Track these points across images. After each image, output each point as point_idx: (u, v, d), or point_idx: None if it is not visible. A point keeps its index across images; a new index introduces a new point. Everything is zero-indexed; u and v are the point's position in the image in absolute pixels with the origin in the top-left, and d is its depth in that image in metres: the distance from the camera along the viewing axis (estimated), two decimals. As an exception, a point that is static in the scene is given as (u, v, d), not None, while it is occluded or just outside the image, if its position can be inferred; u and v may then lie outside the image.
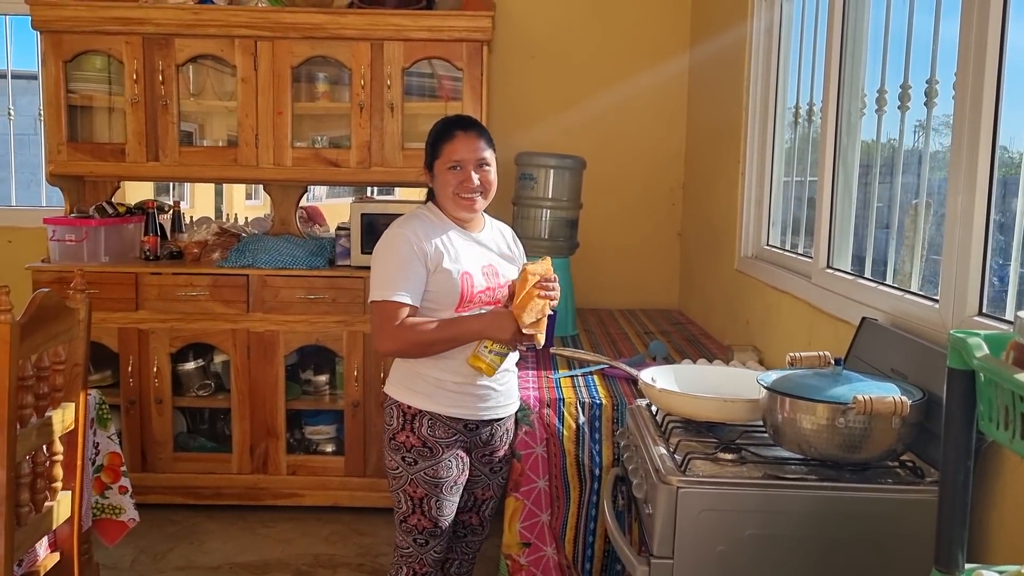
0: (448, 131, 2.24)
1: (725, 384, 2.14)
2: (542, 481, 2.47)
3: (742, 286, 3.28)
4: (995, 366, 1.03)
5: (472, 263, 2.23)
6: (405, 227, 2.21)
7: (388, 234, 2.23)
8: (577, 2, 4.24)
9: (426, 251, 2.17)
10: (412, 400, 2.22)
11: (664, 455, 1.82)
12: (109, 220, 3.73)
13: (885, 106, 2.31)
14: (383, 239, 2.23)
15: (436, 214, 2.28)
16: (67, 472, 2.25)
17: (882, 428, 1.65)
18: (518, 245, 2.45)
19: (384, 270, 2.19)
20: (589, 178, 3.60)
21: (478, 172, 2.23)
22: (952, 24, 1.88)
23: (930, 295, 2.02)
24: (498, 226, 2.42)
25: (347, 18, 3.62)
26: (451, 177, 2.22)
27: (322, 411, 3.80)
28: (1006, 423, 1.03)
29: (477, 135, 2.25)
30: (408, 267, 2.16)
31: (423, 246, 2.17)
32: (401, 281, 2.15)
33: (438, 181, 2.26)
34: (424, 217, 2.26)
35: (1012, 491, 1.58)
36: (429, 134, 2.31)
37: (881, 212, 2.38)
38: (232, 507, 3.66)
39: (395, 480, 2.25)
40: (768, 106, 3.19)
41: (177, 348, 3.62)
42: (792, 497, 1.68)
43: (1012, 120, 1.76)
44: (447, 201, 2.25)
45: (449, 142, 2.23)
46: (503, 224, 2.47)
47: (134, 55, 3.61)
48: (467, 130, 2.24)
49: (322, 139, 3.94)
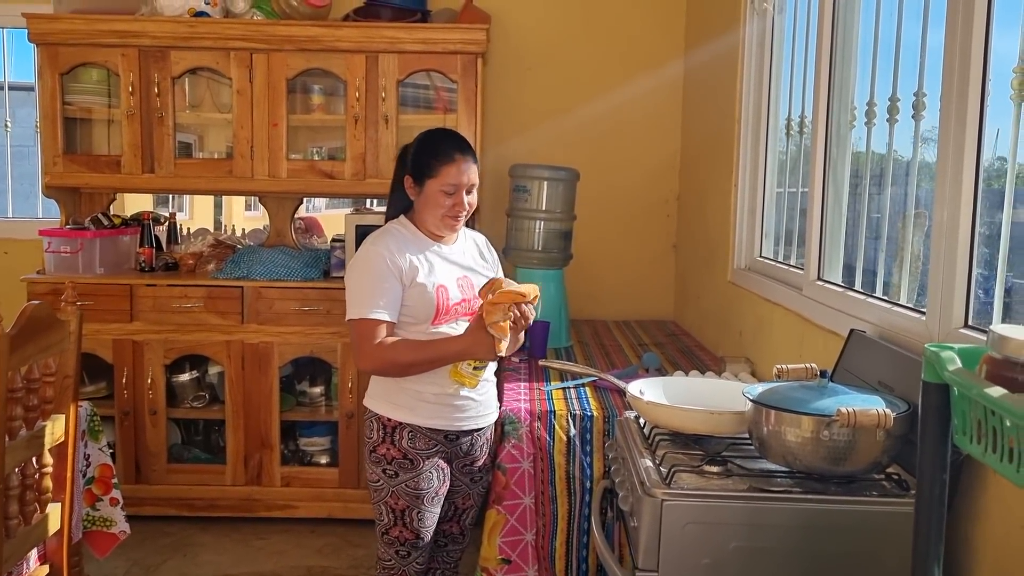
0: (448, 153, 2.22)
1: (714, 396, 2.13)
2: (528, 498, 2.46)
3: (735, 298, 3.28)
4: (967, 380, 1.03)
5: (447, 276, 2.24)
6: (378, 243, 2.21)
7: (362, 251, 2.23)
8: (572, 15, 4.26)
9: (401, 266, 2.17)
10: (392, 412, 2.23)
11: (650, 467, 1.82)
12: (104, 232, 3.74)
13: (874, 118, 2.31)
14: (357, 256, 2.24)
15: (409, 229, 2.28)
16: (57, 484, 2.25)
17: (867, 440, 1.65)
18: (492, 251, 2.46)
19: (360, 287, 2.19)
20: (584, 189, 3.61)
21: (468, 195, 2.24)
22: (940, 36, 1.89)
23: (921, 307, 2.02)
24: (471, 235, 2.43)
25: (342, 31, 3.64)
26: (444, 199, 2.22)
27: (317, 422, 3.81)
28: (979, 437, 1.03)
29: (472, 159, 2.26)
30: (384, 283, 2.16)
31: (398, 261, 2.17)
32: (378, 298, 2.16)
33: (427, 199, 2.24)
34: (397, 232, 2.26)
35: (996, 505, 1.58)
36: (420, 144, 2.29)
37: (872, 223, 2.39)
38: (226, 519, 3.66)
39: (376, 492, 2.26)
40: (760, 118, 3.19)
41: (172, 359, 3.62)
42: (777, 510, 1.68)
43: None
44: (433, 219, 2.25)
45: (449, 165, 2.21)
46: (476, 232, 2.47)
47: (130, 68, 3.63)
48: (464, 153, 2.24)
49: (320, 151, 3.96)
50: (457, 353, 2.18)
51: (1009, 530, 1.53)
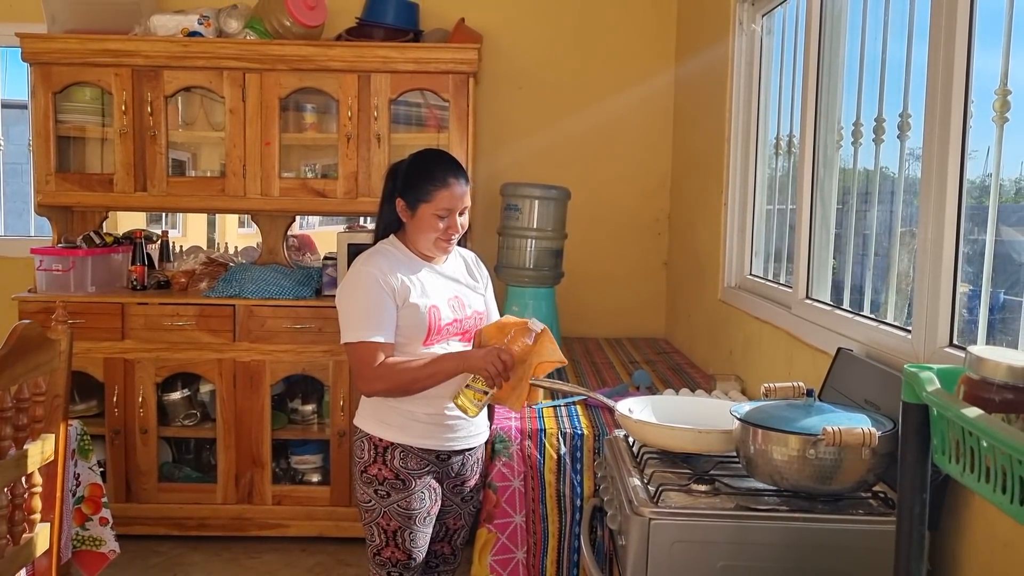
0: (442, 178, 2.21)
1: (702, 415, 2.14)
2: (519, 516, 2.47)
3: (725, 316, 3.29)
4: (944, 400, 1.04)
5: (439, 296, 2.25)
6: (369, 264, 2.20)
7: (354, 272, 2.22)
8: (563, 35, 4.29)
9: (393, 286, 2.17)
10: (383, 432, 2.22)
11: (638, 486, 1.83)
12: (96, 250, 3.74)
13: (861, 138, 2.34)
14: (349, 278, 2.22)
15: (400, 249, 2.28)
16: (46, 504, 2.24)
17: (853, 459, 1.65)
18: (481, 268, 2.46)
19: (354, 310, 2.18)
20: (575, 207, 3.63)
21: (460, 216, 2.25)
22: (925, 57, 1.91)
23: (908, 325, 2.03)
24: (460, 253, 2.43)
25: (335, 50, 3.66)
26: (437, 223, 2.21)
27: (308, 440, 3.80)
28: (957, 457, 1.04)
29: (465, 181, 2.25)
30: (378, 304, 2.16)
31: (390, 282, 2.17)
32: (375, 320, 2.15)
33: (420, 222, 2.23)
34: (388, 253, 2.25)
35: (980, 523, 1.59)
36: (412, 167, 2.26)
37: (860, 242, 2.41)
38: (217, 538, 3.64)
39: (368, 513, 2.25)
40: (750, 137, 3.22)
41: (163, 378, 3.62)
42: (764, 528, 1.69)
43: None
44: (425, 242, 2.25)
45: (443, 189, 2.20)
46: (465, 250, 2.47)
47: (123, 86, 3.65)
48: (457, 177, 2.23)
49: (312, 169, 3.97)
50: (458, 364, 2.17)
51: (993, 548, 1.54)
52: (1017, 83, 1.67)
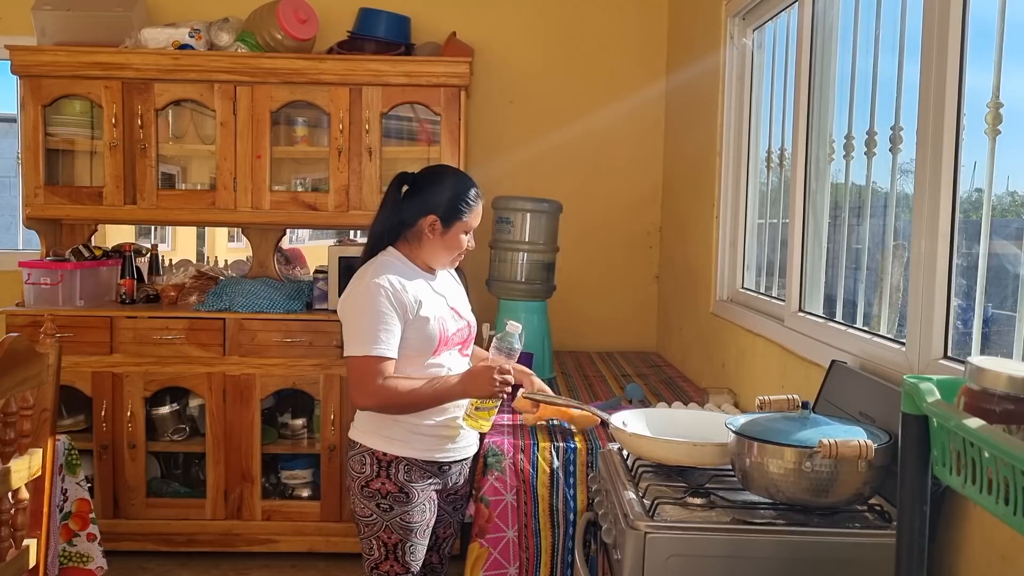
0: (476, 197, 2.29)
1: (697, 428, 2.13)
2: (511, 531, 2.44)
3: (718, 329, 3.29)
4: (945, 412, 1.03)
5: (442, 307, 2.26)
6: (379, 277, 2.15)
7: (361, 284, 2.17)
8: (554, 49, 4.30)
9: (404, 302, 2.15)
10: (387, 446, 2.20)
11: (633, 500, 1.82)
12: (85, 263, 3.72)
13: (852, 151, 2.34)
14: (358, 289, 2.17)
15: (403, 261, 2.27)
16: (33, 519, 2.21)
17: (849, 472, 1.65)
18: (456, 275, 2.49)
19: (361, 322, 2.14)
20: (567, 221, 3.62)
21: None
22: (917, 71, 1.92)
23: (902, 338, 2.03)
24: None
25: (326, 63, 3.66)
26: (463, 240, 2.29)
27: (298, 455, 3.77)
28: (958, 468, 1.03)
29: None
30: (386, 318, 2.13)
31: (401, 297, 2.14)
32: (382, 334, 2.12)
33: (449, 239, 2.26)
34: (394, 265, 2.23)
35: (978, 536, 1.58)
36: (456, 189, 2.26)
37: (852, 255, 2.41)
38: (206, 554, 3.61)
39: (368, 527, 2.22)
40: (741, 151, 3.23)
41: (152, 392, 3.59)
42: (760, 542, 1.68)
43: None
44: (444, 258, 2.29)
45: (474, 209, 2.28)
46: None
47: (113, 99, 3.63)
48: (481, 197, 2.32)
49: (303, 182, 3.96)
50: (460, 392, 2.18)
51: (991, 560, 1.53)
52: (1009, 96, 1.68)
